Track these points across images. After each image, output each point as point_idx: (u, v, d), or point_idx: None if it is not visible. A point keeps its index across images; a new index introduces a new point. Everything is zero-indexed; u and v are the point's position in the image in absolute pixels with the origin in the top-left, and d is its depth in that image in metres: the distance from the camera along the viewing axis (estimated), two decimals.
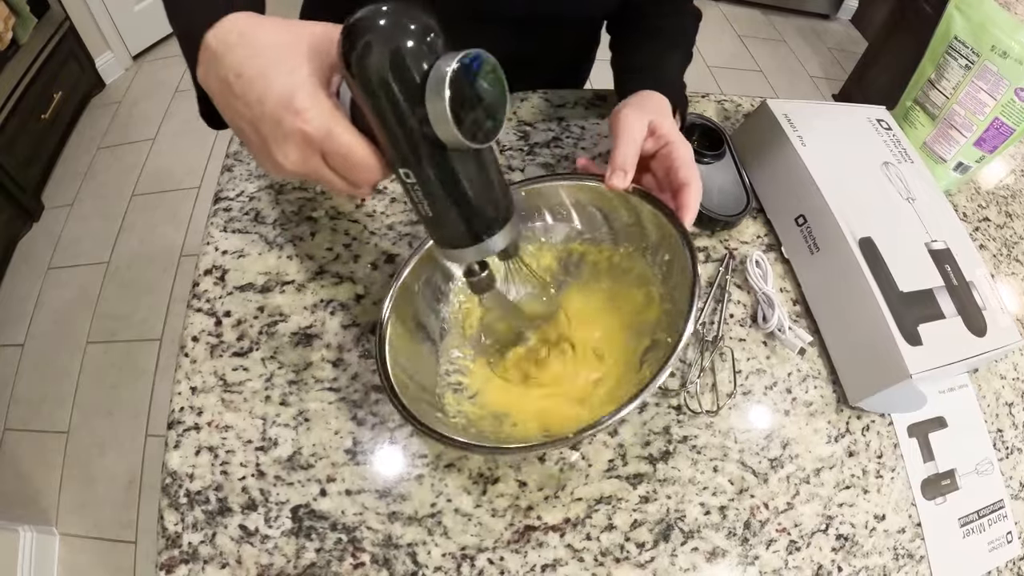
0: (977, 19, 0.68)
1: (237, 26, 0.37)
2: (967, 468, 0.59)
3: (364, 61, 0.31)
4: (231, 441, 0.50)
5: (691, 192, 0.51)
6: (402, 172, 0.36)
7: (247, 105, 0.36)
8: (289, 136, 0.35)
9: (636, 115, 0.53)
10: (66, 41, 1.97)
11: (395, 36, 0.31)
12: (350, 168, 0.36)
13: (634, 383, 0.52)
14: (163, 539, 0.46)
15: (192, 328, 0.55)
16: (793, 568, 0.51)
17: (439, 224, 0.39)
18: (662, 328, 0.53)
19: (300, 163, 0.36)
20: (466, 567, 0.47)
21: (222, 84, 0.37)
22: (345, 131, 0.35)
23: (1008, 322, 0.58)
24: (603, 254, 0.58)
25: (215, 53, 0.37)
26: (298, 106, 0.34)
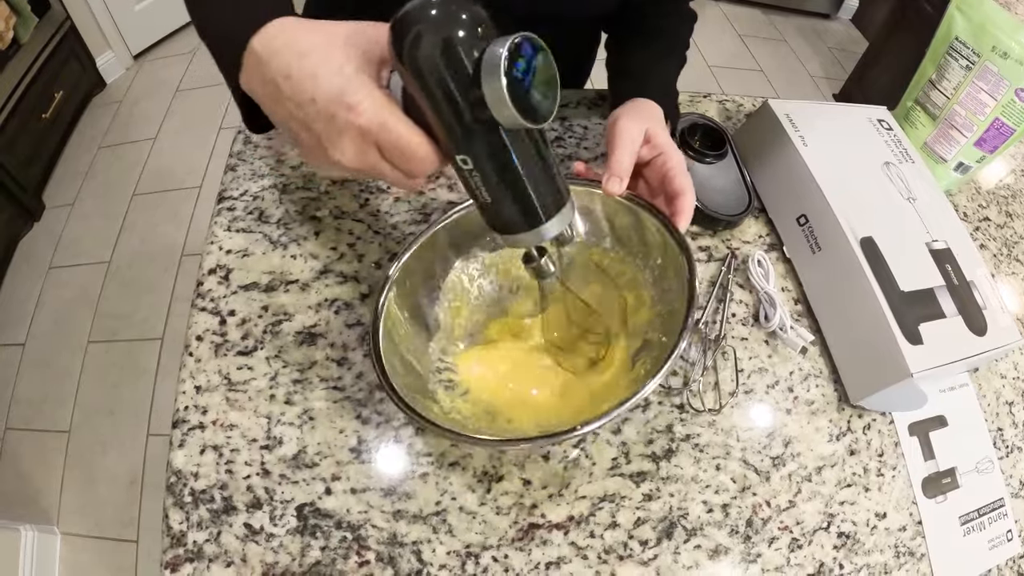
0: (978, 20, 0.68)
1: (284, 29, 0.38)
2: (967, 467, 0.59)
3: (416, 52, 0.32)
4: (236, 440, 0.50)
5: (686, 200, 0.52)
6: (459, 159, 0.36)
7: (299, 106, 0.37)
8: (344, 131, 0.36)
9: (633, 123, 0.54)
10: (67, 40, 1.97)
11: (446, 25, 0.32)
12: (407, 159, 0.36)
13: (628, 382, 0.53)
14: (168, 538, 0.46)
15: (196, 327, 0.55)
16: (795, 566, 0.51)
17: (497, 210, 0.39)
18: (655, 328, 0.54)
19: (357, 157, 0.37)
20: (471, 565, 0.47)
21: (271, 87, 0.38)
22: (399, 122, 0.35)
23: (1008, 321, 0.59)
24: (593, 257, 0.58)
25: (260, 58, 0.38)
26: (350, 100, 0.35)
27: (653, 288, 0.55)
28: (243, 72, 0.39)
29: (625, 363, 0.54)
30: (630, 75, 0.64)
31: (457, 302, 0.56)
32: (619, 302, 0.57)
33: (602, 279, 0.58)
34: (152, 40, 2.32)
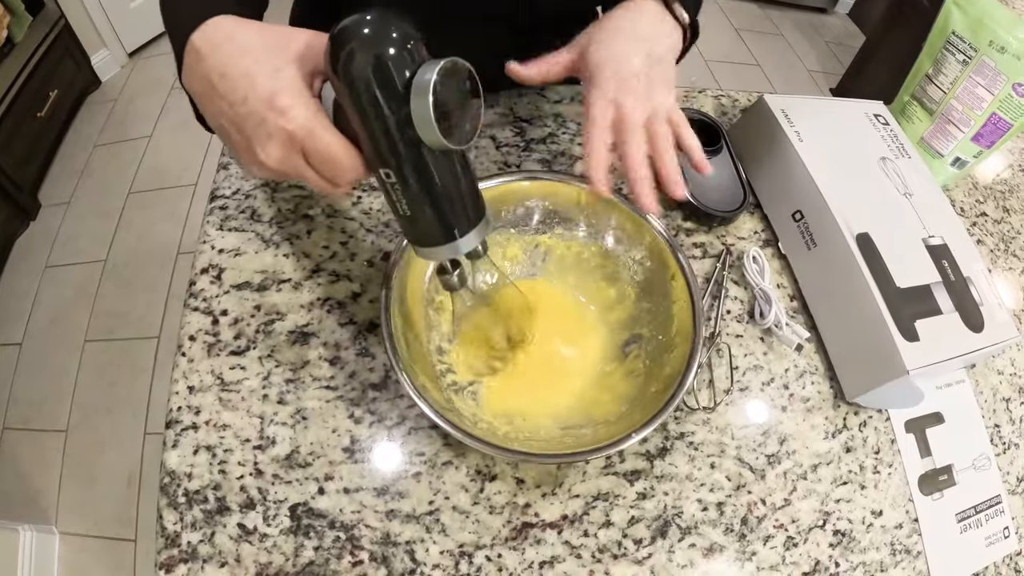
0: (975, 14, 0.68)
1: (223, 28, 0.38)
2: (964, 464, 0.59)
3: (350, 67, 0.33)
4: (229, 440, 0.50)
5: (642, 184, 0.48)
6: (382, 172, 0.38)
7: (231, 105, 0.37)
8: (273, 134, 0.36)
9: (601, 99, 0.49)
10: (61, 39, 1.95)
11: (378, 43, 0.33)
12: (331, 166, 0.37)
13: (624, 372, 0.54)
14: (162, 538, 0.46)
15: (189, 327, 0.55)
16: (790, 564, 0.51)
17: (414, 223, 0.40)
18: (644, 324, 0.55)
19: (282, 161, 0.37)
20: (464, 564, 0.47)
21: (206, 84, 0.38)
22: (327, 131, 0.36)
23: (1005, 317, 0.58)
24: (571, 249, 0.59)
25: (200, 53, 0.38)
26: (281, 105, 0.35)
27: (636, 284, 0.57)
28: (183, 68, 0.40)
29: (615, 354, 0.55)
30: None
31: (442, 296, 0.56)
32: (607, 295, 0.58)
33: (580, 271, 0.59)
34: (147, 38, 2.31)
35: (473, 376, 0.54)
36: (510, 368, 0.55)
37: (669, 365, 0.51)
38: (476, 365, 0.54)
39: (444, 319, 0.56)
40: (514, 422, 0.51)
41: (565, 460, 0.49)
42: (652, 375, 0.52)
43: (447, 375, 0.53)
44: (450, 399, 0.51)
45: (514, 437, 0.49)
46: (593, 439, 0.47)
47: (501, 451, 0.44)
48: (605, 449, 0.45)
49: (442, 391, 0.51)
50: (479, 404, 0.52)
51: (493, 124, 0.71)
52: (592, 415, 0.51)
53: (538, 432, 0.51)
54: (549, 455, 0.46)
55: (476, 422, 0.50)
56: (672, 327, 0.53)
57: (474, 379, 0.54)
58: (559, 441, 0.49)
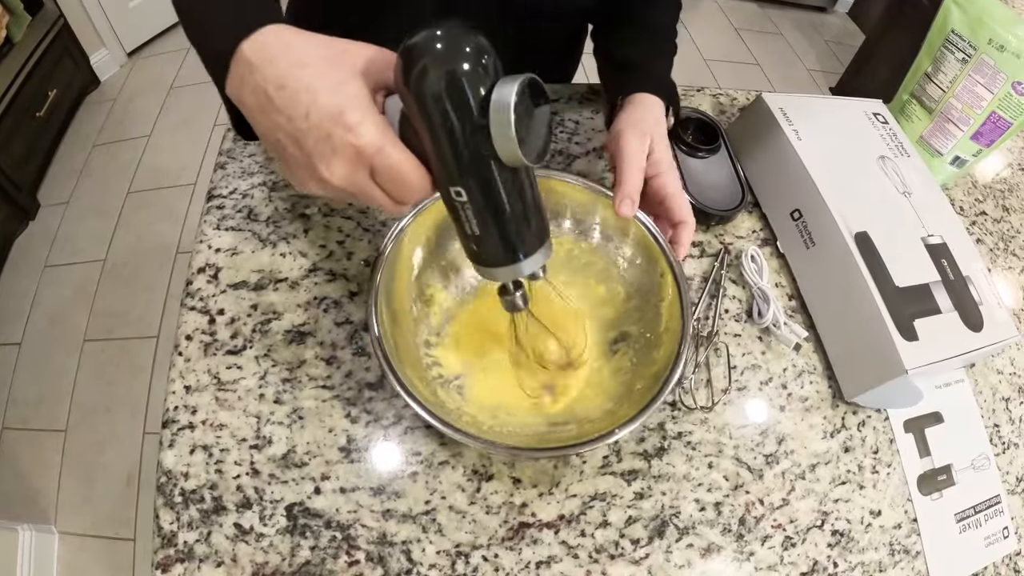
0: (974, 12, 0.68)
1: (280, 38, 0.37)
2: (963, 463, 0.59)
3: (423, 83, 0.33)
4: (225, 440, 0.50)
5: (686, 232, 0.54)
6: (453, 191, 0.37)
7: (290, 119, 0.36)
8: (338, 150, 0.35)
9: (637, 138, 0.54)
10: (60, 38, 1.96)
11: (452, 59, 0.32)
12: (399, 185, 0.36)
13: (612, 369, 0.54)
14: (159, 538, 0.46)
15: (186, 327, 0.55)
16: (788, 564, 0.51)
17: (481, 242, 0.40)
18: (633, 322, 0.55)
19: (347, 178, 0.36)
20: (460, 564, 0.47)
21: (260, 96, 0.37)
22: (396, 148, 0.35)
23: (1005, 317, 0.58)
24: (562, 246, 0.59)
25: (252, 64, 0.36)
26: (350, 121, 0.34)
27: (627, 283, 0.57)
28: (230, 78, 0.38)
29: (603, 351, 0.55)
30: (624, 67, 0.64)
31: (432, 289, 0.56)
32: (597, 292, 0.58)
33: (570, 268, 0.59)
34: (146, 37, 2.31)
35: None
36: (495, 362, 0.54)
37: (656, 363, 0.50)
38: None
39: (433, 312, 0.55)
40: (498, 416, 0.51)
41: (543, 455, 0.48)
42: (639, 373, 0.52)
43: (433, 368, 0.53)
44: (435, 392, 0.50)
45: (498, 431, 0.49)
46: (577, 435, 0.46)
47: (481, 443, 0.43)
48: (585, 445, 0.44)
49: (428, 384, 0.51)
50: (464, 398, 0.52)
51: None
52: (577, 412, 0.51)
53: (523, 428, 0.50)
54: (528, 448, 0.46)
55: (460, 415, 0.49)
56: (660, 325, 0.53)
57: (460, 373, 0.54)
58: (543, 437, 0.49)
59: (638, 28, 0.66)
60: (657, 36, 0.66)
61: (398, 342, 0.49)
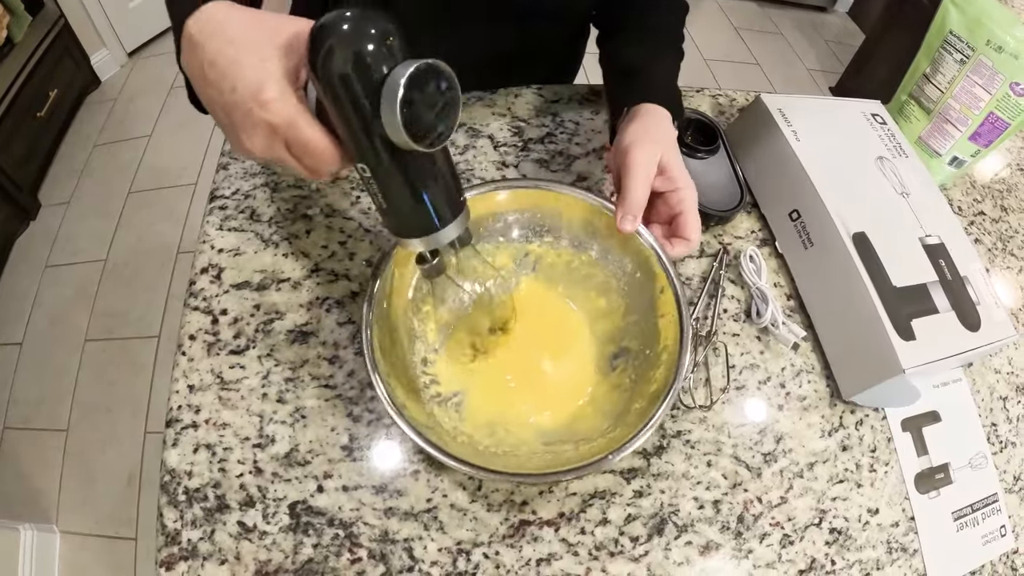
0: (973, 13, 0.68)
1: (215, 15, 0.39)
2: (961, 462, 0.59)
3: (327, 63, 0.34)
4: (229, 439, 0.50)
5: (690, 245, 0.53)
6: (359, 166, 0.38)
7: (220, 92, 0.38)
8: (256, 124, 0.37)
9: (647, 151, 0.52)
10: (61, 39, 1.96)
11: (355, 41, 0.33)
12: (310, 158, 0.38)
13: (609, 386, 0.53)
14: (162, 536, 0.46)
15: (189, 327, 0.55)
16: (787, 562, 0.51)
17: (392, 215, 0.41)
18: (632, 337, 0.54)
19: (265, 149, 0.39)
20: (462, 561, 0.47)
21: (198, 71, 0.39)
22: (307, 124, 0.37)
23: (1002, 316, 0.59)
24: (561, 257, 0.58)
25: (193, 40, 0.39)
26: (265, 97, 0.36)
27: (627, 297, 0.56)
28: (181, 53, 0.41)
29: (602, 367, 0.55)
30: (630, 75, 0.62)
31: (427, 306, 0.55)
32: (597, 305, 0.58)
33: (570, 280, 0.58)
34: (146, 37, 2.31)
35: (456, 363, 0.54)
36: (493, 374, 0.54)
37: (655, 382, 0.49)
38: (457, 351, 0.54)
39: (429, 328, 0.55)
40: (496, 434, 0.51)
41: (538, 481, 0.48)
42: (637, 391, 0.51)
43: (431, 387, 0.52)
44: (432, 412, 0.50)
45: (494, 451, 0.49)
46: (574, 457, 0.46)
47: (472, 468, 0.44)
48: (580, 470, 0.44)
49: (424, 404, 0.50)
50: (462, 416, 0.51)
51: (491, 124, 0.71)
52: (575, 430, 0.51)
53: (519, 447, 0.50)
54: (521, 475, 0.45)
55: (456, 435, 0.49)
56: (659, 343, 0.52)
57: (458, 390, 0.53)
58: (540, 457, 0.49)
59: (642, 31, 0.65)
60: (661, 40, 0.65)
61: (394, 366, 0.49)
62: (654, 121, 0.56)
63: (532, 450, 0.50)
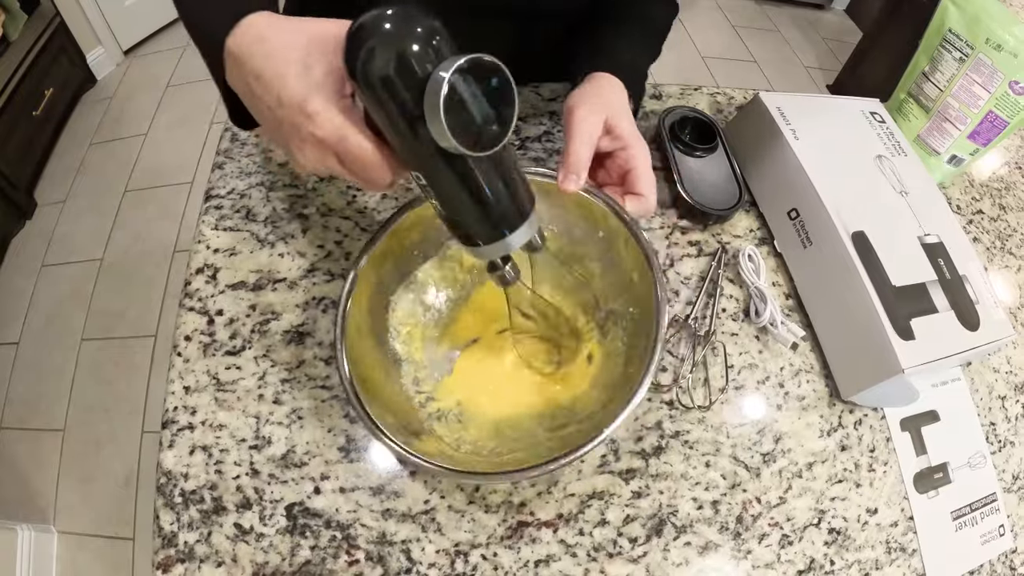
0: (971, 11, 0.68)
1: (254, 29, 0.38)
2: (960, 461, 0.59)
3: (367, 67, 0.31)
4: (225, 440, 0.50)
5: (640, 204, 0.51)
6: (413, 175, 0.36)
7: (269, 108, 0.37)
8: (305, 139, 0.36)
9: (592, 112, 0.50)
10: (57, 37, 1.95)
11: (397, 41, 0.30)
12: (363, 170, 0.37)
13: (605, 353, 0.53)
14: (159, 538, 0.46)
15: (184, 327, 0.55)
16: (785, 562, 0.51)
17: (455, 223, 0.39)
18: (614, 298, 0.53)
19: (318, 162, 0.38)
20: (460, 563, 0.47)
21: (245, 88, 0.38)
22: (356, 135, 0.35)
23: (1001, 315, 0.59)
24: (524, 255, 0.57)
25: (236, 58, 0.38)
26: (310, 110, 0.35)
27: (599, 260, 0.54)
28: (227, 71, 0.40)
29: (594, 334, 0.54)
30: (594, 51, 0.61)
31: (407, 327, 0.54)
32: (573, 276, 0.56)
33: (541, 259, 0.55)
34: (142, 36, 2.31)
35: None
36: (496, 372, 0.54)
37: (644, 336, 0.48)
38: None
39: (415, 348, 0.53)
40: (502, 433, 0.50)
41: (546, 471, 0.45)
42: (631, 354, 0.50)
43: (427, 405, 0.51)
44: (432, 429, 0.49)
45: (499, 452, 0.48)
46: (578, 436, 0.45)
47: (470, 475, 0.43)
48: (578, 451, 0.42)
49: (423, 423, 0.49)
50: (464, 424, 0.50)
51: None
52: (576, 410, 0.50)
53: (524, 439, 0.49)
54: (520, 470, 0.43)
55: (459, 446, 0.48)
56: (640, 297, 0.50)
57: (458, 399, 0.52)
58: (544, 446, 0.48)
59: (620, 19, 0.64)
60: (635, 26, 0.64)
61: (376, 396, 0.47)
62: (605, 85, 0.55)
63: (536, 440, 0.49)
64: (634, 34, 0.64)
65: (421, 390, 0.52)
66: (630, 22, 0.65)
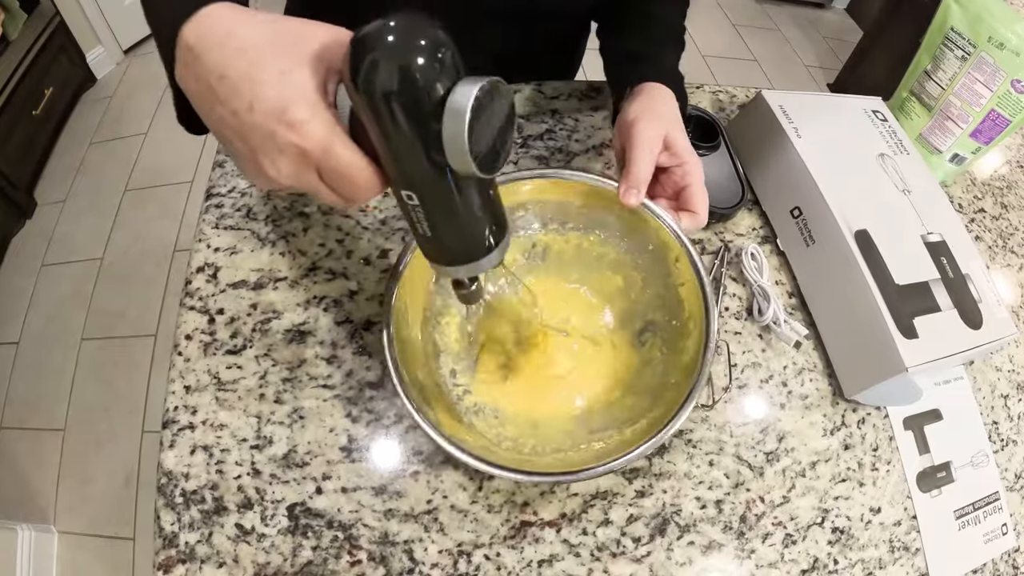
0: (974, 10, 0.68)
1: (221, 21, 0.33)
2: (962, 460, 0.59)
3: (372, 79, 0.29)
4: (226, 440, 0.50)
5: (693, 221, 0.52)
6: (404, 194, 0.35)
7: (233, 113, 0.32)
8: (284, 150, 0.32)
9: (653, 127, 0.51)
10: (56, 36, 1.95)
11: (406, 55, 0.29)
12: (347, 187, 0.34)
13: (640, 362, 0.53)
14: (160, 539, 0.46)
15: (185, 326, 0.54)
16: (789, 561, 0.51)
17: (435, 243, 0.38)
18: (655, 309, 0.54)
19: (293, 177, 0.34)
20: (463, 563, 0.47)
21: (203, 87, 0.33)
22: (345, 148, 0.32)
23: (1004, 314, 0.58)
24: (569, 243, 0.58)
25: (194, 51, 0.33)
26: (293, 118, 0.31)
27: (642, 269, 0.55)
28: (176, 65, 0.35)
29: (631, 344, 0.55)
30: (633, 58, 0.61)
31: (446, 318, 0.54)
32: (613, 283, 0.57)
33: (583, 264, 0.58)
34: (142, 35, 2.30)
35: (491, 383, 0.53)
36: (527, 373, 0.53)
37: (686, 352, 0.49)
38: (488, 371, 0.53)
39: (452, 339, 0.54)
40: (539, 431, 0.50)
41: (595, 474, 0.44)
42: (671, 364, 0.50)
43: (464, 398, 0.52)
44: (471, 424, 0.49)
45: (540, 450, 0.48)
46: (620, 442, 0.45)
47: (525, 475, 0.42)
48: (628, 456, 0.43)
49: (462, 417, 0.49)
50: (501, 421, 0.51)
51: None
52: (615, 416, 0.50)
53: (565, 440, 0.49)
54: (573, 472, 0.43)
55: (500, 442, 0.48)
56: (684, 311, 0.51)
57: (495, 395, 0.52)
58: (587, 448, 0.47)
59: (644, 20, 0.64)
60: (663, 30, 0.64)
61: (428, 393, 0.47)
62: (659, 98, 0.55)
63: (576, 440, 0.49)
64: (660, 34, 0.64)
65: (458, 383, 0.52)
66: (650, 22, 0.64)
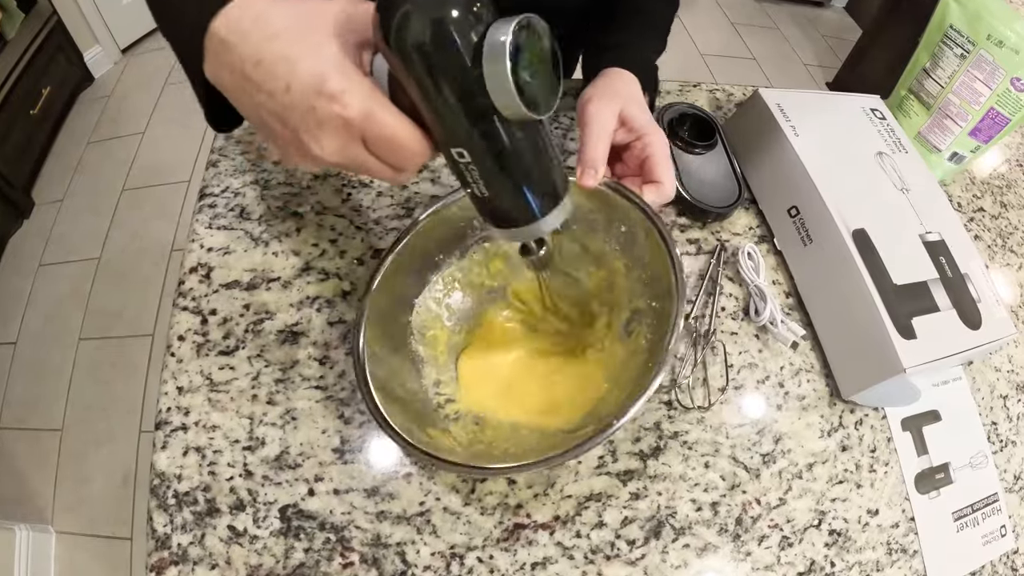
0: (973, 8, 0.67)
1: (250, 9, 0.34)
2: (961, 462, 0.58)
3: (404, 35, 0.29)
4: (218, 441, 0.49)
5: (658, 192, 0.50)
6: (454, 152, 0.34)
7: (270, 95, 0.33)
8: (325, 123, 0.32)
9: (605, 104, 0.50)
10: (54, 35, 1.95)
11: (438, 4, 0.29)
12: (396, 152, 0.34)
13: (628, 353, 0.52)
14: (153, 540, 0.45)
15: (178, 327, 0.54)
16: (786, 564, 0.51)
17: (494, 203, 0.37)
18: (639, 295, 0.52)
19: (339, 152, 0.34)
20: (455, 566, 0.47)
21: (238, 76, 0.34)
22: (387, 112, 0.32)
23: (1003, 314, 0.58)
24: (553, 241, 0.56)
25: (226, 42, 0.34)
26: (332, 89, 0.31)
27: (624, 256, 0.54)
28: (206, 61, 0.36)
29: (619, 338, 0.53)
30: (605, 48, 0.61)
31: (432, 331, 0.54)
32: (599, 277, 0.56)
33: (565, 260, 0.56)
34: (140, 34, 2.30)
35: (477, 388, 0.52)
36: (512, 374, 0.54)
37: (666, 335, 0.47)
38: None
39: (439, 351, 0.53)
40: (519, 435, 0.49)
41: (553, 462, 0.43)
42: (653, 351, 0.48)
43: (446, 406, 0.51)
44: (447, 430, 0.49)
45: (513, 452, 0.47)
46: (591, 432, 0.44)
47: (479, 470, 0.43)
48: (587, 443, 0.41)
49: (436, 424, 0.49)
50: (481, 427, 0.50)
51: None
52: (599, 412, 0.49)
53: (539, 441, 0.48)
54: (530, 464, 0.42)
55: (471, 445, 0.48)
56: (661, 288, 0.49)
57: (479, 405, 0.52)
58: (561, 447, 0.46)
59: (625, 16, 0.64)
60: (641, 22, 0.64)
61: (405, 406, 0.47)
62: (619, 80, 0.55)
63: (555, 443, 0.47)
64: (638, 28, 0.64)
65: (441, 392, 0.51)
66: (633, 17, 0.64)
